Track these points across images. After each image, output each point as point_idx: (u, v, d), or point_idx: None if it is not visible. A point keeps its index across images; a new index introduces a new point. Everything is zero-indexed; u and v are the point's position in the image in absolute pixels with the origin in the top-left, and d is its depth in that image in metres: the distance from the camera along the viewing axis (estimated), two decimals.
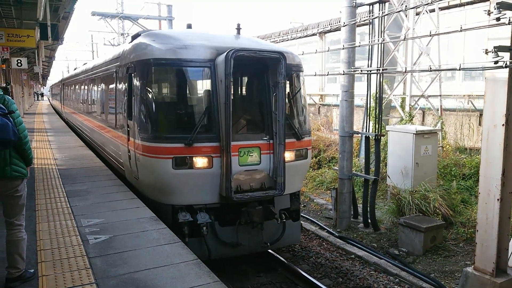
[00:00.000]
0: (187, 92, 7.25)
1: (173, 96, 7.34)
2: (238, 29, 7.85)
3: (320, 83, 23.00)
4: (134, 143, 7.06)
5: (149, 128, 6.71)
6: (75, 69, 22.64)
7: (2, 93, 3.94)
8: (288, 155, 6.87)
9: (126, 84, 7.68)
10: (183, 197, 6.55)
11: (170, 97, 7.36)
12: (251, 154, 6.66)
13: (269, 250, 7.76)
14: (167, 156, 6.34)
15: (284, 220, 7.08)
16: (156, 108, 6.92)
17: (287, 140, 6.78)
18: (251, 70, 7.10)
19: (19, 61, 19.94)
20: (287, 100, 7.13)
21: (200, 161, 6.40)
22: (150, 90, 6.89)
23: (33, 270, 4.22)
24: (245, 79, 7.64)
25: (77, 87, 17.95)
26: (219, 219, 6.68)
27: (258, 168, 6.71)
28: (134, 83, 7.06)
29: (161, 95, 7.30)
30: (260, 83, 7.06)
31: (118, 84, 8.56)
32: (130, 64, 7.38)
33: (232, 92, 6.42)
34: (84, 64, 18.95)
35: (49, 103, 57.91)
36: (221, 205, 6.66)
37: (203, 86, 6.94)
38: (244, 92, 7.81)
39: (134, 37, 8.04)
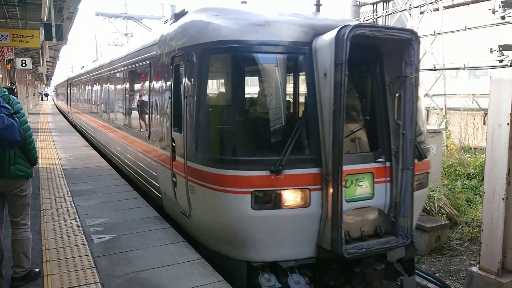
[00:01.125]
0: (272, 91, 4.96)
1: (251, 98, 5.17)
2: (318, 5, 5.92)
3: None
4: (185, 167, 4.95)
5: (213, 146, 4.80)
6: (82, 67, 20.69)
7: (7, 93, 3.96)
8: None
9: (169, 81, 5.66)
10: (264, 250, 4.52)
11: (247, 100, 5.13)
12: (360, 184, 4.59)
13: None
14: (243, 189, 4.32)
15: (402, 278, 4.88)
16: (225, 116, 4.87)
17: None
18: (352, 60, 4.41)
19: (23, 61, 20.10)
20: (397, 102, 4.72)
21: (292, 197, 4.37)
22: (216, 89, 5.03)
23: (38, 269, 4.24)
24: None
25: (88, 86, 15.84)
26: (315, 281, 4.64)
27: (371, 204, 4.64)
28: (186, 79, 5.00)
29: (232, 96, 4.91)
30: (366, 78, 5.08)
31: (153, 81, 6.50)
32: (178, 51, 5.33)
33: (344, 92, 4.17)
34: (94, 61, 17.53)
35: (53, 103, 58.15)
36: (319, 261, 4.60)
37: (294, 82, 4.88)
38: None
39: (179, 16, 5.91)
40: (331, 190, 4.27)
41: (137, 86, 8.31)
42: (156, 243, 5.02)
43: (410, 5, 10.63)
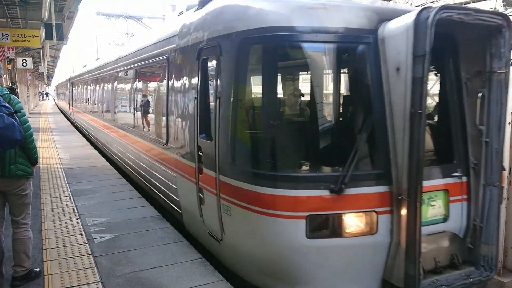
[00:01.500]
0: (330, 90, 4.19)
1: (303, 99, 4.30)
2: None
3: None
4: (217, 182, 4.18)
5: (256, 158, 3.97)
6: (85, 66, 20.02)
7: (8, 92, 3.95)
8: None
9: (193, 78, 4.84)
10: (320, 287, 3.77)
11: (298, 102, 4.35)
12: (432, 204, 3.84)
13: None
14: (295, 213, 3.57)
15: None
16: (272, 121, 3.90)
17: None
18: None
19: (24, 61, 20.11)
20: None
21: (355, 222, 3.63)
22: (258, 88, 4.05)
23: (38, 268, 4.24)
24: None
25: (92, 86, 14.92)
26: None
27: (445, 228, 3.89)
28: (219, 76, 4.18)
29: (279, 96, 4.16)
30: (436, 74, 4.32)
31: (172, 79, 5.64)
32: (207, 42, 4.47)
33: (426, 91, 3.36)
34: (98, 59, 17.07)
35: (54, 103, 58.15)
36: None
37: (356, 78, 3.97)
38: None
39: (206, 1, 4.96)
40: (404, 213, 3.46)
41: (151, 85, 7.40)
42: (157, 242, 5.01)
43: (411, 4, 10.63)
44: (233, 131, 3.96)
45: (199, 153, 4.61)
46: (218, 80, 4.18)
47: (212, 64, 4.45)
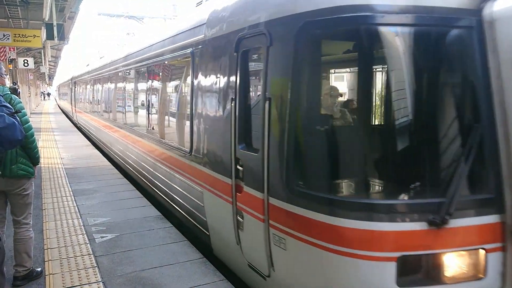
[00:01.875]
0: (428, 89, 3.03)
1: (393, 101, 3.17)
2: None
3: None
4: (265, 205, 3.41)
5: (324, 178, 3.14)
6: (87, 65, 19.42)
7: (9, 92, 3.96)
8: None
9: (230, 75, 4.01)
10: None
11: (387, 104, 3.30)
12: None
13: None
14: (381, 254, 2.79)
15: None
16: (351, 131, 3.37)
17: None
18: None
19: (25, 61, 20.15)
20: None
21: (457, 264, 2.88)
22: (331, 87, 3.40)
23: (40, 268, 4.25)
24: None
25: (97, 86, 14.02)
26: None
27: None
28: (269, 72, 3.36)
29: (366, 98, 3.23)
30: None
31: (199, 76, 4.83)
32: (250, 30, 3.65)
33: None
34: (102, 58, 16.55)
35: (56, 103, 58.16)
36: None
37: (452, 73, 3.04)
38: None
39: None
40: None
41: (170, 84, 6.62)
42: (158, 242, 5.02)
43: None
44: (292, 143, 3.14)
45: (238, 166, 3.82)
46: (267, 77, 3.35)
47: (256, 57, 3.67)
